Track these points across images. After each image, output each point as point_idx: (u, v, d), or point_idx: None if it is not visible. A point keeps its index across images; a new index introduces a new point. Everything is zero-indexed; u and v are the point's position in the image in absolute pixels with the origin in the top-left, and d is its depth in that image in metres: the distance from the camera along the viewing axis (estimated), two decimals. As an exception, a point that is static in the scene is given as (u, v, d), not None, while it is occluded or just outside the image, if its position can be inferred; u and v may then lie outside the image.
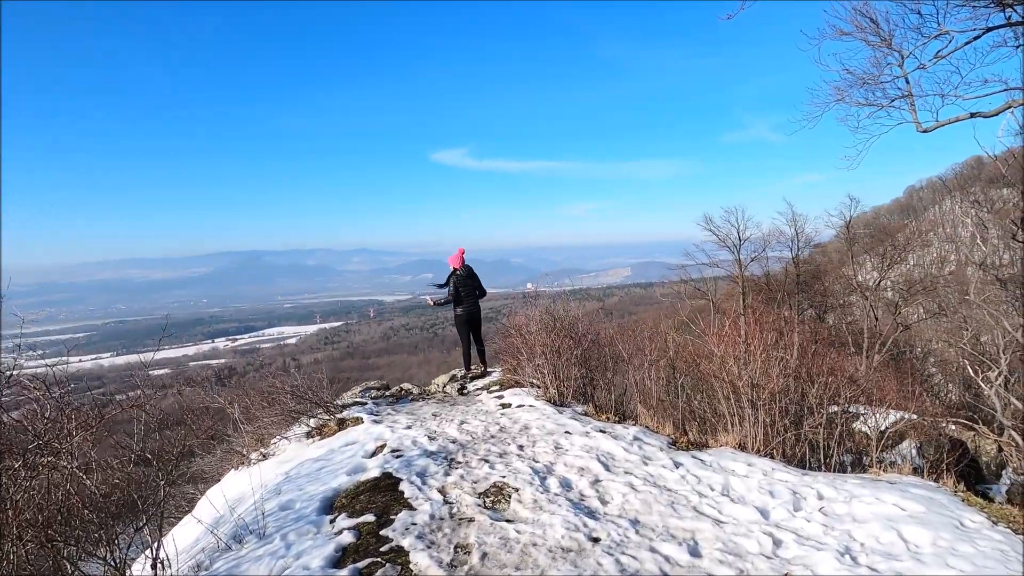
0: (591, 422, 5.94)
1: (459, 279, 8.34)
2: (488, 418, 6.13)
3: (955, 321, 30.22)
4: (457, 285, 8.31)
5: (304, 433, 6.44)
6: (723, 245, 27.65)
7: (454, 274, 8.37)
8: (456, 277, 8.35)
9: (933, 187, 73.14)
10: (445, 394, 7.82)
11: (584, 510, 3.96)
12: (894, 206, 70.82)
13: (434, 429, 5.78)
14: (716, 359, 6.08)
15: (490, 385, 7.80)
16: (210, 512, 4.77)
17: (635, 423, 6.35)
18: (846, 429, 6.63)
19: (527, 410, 6.26)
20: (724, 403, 5.99)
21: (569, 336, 6.83)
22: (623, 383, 7.04)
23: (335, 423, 6.41)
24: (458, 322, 8.47)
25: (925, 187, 73.52)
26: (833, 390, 6.47)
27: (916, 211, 68.11)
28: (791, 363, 6.17)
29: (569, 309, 7.30)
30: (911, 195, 72.26)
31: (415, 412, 6.75)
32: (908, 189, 72.46)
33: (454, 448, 5.13)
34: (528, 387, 7.16)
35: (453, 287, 8.30)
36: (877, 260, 29.09)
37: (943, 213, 67.52)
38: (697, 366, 6.59)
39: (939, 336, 28.08)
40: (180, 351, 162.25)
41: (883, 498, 4.30)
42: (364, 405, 7.11)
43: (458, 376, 8.66)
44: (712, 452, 5.62)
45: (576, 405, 6.71)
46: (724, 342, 6.05)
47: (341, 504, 4.11)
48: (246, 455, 6.46)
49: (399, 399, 7.71)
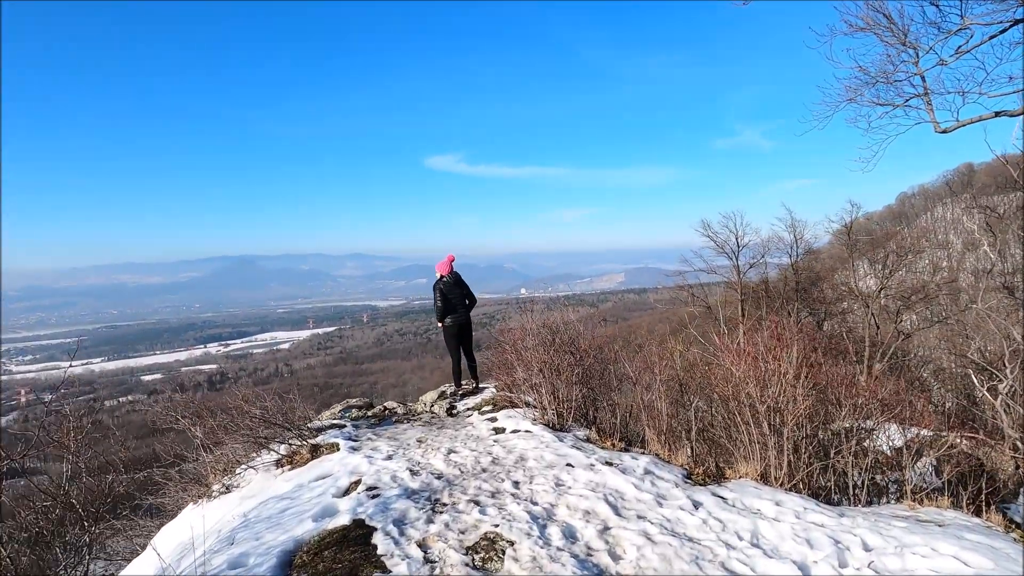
0: (595, 451, 5.29)
1: (446, 286, 7.69)
2: (479, 446, 5.47)
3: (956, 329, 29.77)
4: (444, 292, 7.66)
5: (274, 461, 5.75)
6: (721, 251, 27.14)
7: (440, 281, 7.73)
8: (443, 284, 7.71)
9: (925, 194, 73.27)
10: (432, 415, 7.14)
11: (593, 569, 3.31)
12: (887, 213, 70.80)
13: (418, 460, 5.11)
14: (733, 380, 5.44)
15: (482, 405, 7.13)
16: (153, 564, 4.09)
17: (643, 450, 5.70)
18: (863, 448, 6.00)
19: (523, 436, 5.60)
20: (743, 429, 5.35)
21: (569, 352, 6.19)
22: (628, 403, 6.39)
23: (308, 450, 5.73)
24: (447, 334, 7.80)
25: (917, 194, 73.68)
26: (858, 408, 5.85)
27: (908, 218, 68.14)
28: (815, 383, 5.54)
29: (569, 322, 6.64)
30: (903, 202, 72.38)
31: (398, 437, 6.08)
32: (900, 196, 72.53)
33: (439, 485, 4.46)
34: (524, 407, 6.51)
35: (440, 295, 7.65)
36: (871, 267, 28.62)
37: (935, 220, 67.53)
38: (710, 386, 5.94)
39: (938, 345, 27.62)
40: (172, 356, 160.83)
41: (939, 548, 3.67)
42: (342, 428, 6.43)
43: (448, 393, 8.00)
44: (732, 486, 4.98)
45: (577, 429, 6.06)
46: (743, 361, 5.41)
47: (302, 562, 3.43)
48: (209, 485, 5.77)
49: (382, 420, 7.03)
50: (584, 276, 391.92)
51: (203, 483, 5.86)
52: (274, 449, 5.79)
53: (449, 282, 7.77)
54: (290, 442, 5.85)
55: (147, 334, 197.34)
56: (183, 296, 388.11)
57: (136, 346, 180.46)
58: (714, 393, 5.88)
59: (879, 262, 28.11)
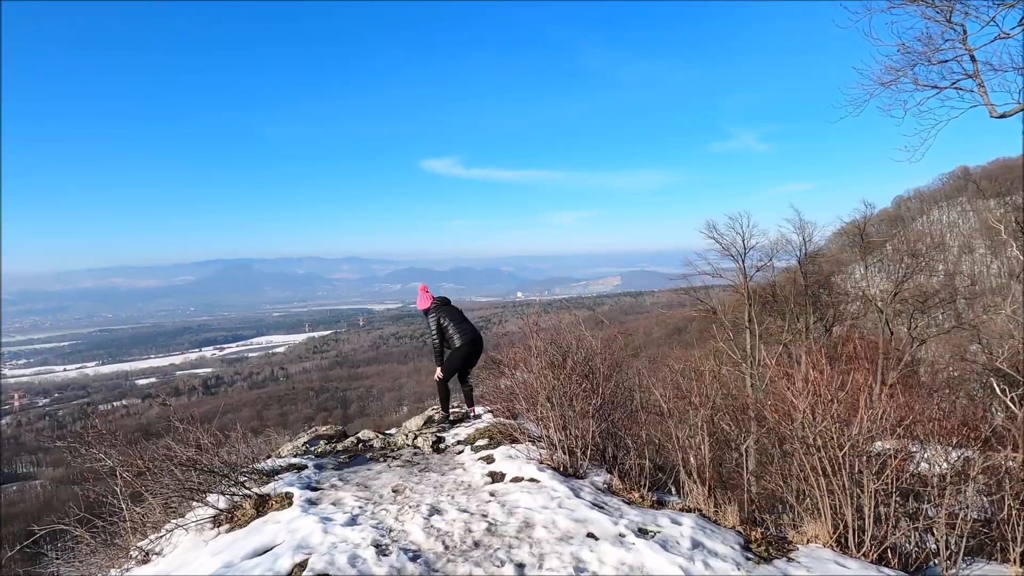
0: (621, 509, 4.05)
1: (439, 311, 6.64)
2: (472, 501, 4.22)
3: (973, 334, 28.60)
4: (440, 319, 6.59)
5: (210, 517, 4.49)
6: (727, 253, 25.98)
7: (431, 309, 6.69)
8: (434, 310, 6.66)
9: (921, 197, 72.66)
10: (416, 450, 5.86)
11: None
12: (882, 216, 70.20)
13: (389, 525, 3.85)
14: (797, 414, 4.21)
15: (475, 437, 5.87)
16: None
17: (681, 503, 4.47)
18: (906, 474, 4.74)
19: (527, 488, 4.35)
20: (812, 478, 4.13)
21: (584, 376, 4.96)
22: (656, 435, 5.15)
23: (253, 504, 4.48)
24: (455, 356, 6.61)
25: (912, 197, 73.15)
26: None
27: (905, 221, 67.52)
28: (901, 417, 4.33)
29: (583, 338, 5.38)
30: (899, 205, 71.83)
31: (370, 484, 4.82)
32: (896, 199, 71.95)
33: (415, 574, 3.22)
34: (526, 443, 5.26)
35: (436, 325, 6.58)
36: (876, 269, 27.50)
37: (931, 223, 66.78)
38: (759, 419, 4.71)
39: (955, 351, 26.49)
40: (167, 360, 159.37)
41: None
42: (302, 471, 5.16)
43: (436, 419, 6.75)
44: (804, 557, 3.77)
45: (595, 472, 4.82)
46: (810, 389, 4.18)
47: None
48: (127, 550, 4.53)
49: (354, 457, 5.76)
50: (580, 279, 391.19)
51: (121, 547, 4.60)
52: (210, 503, 4.54)
53: (440, 305, 6.76)
54: (230, 493, 4.60)
55: (142, 338, 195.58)
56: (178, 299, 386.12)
57: (131, 350, 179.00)
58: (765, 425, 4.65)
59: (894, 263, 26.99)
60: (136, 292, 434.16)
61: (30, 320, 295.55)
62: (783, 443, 4.47)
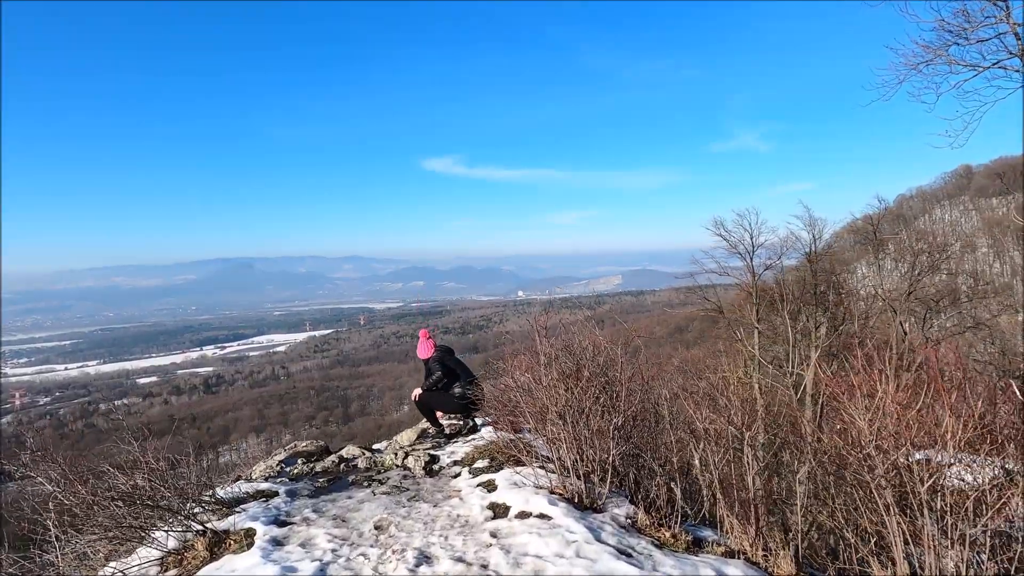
0: (653, 557, 3.29)
1: (444, 356, 6.20)
2: (468, 544, 3.46)
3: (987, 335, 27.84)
4: (445, 362, 6.08)
5: (157, 560, 3.74)
6: (734, 251, 25.22)
7: (435, 353, 6.26)
8: (439, 355, 6.20)
9: (923, 196, 72.03)
10: (406, 471, 5.09)
11: None
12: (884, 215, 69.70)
13: (366, 578, 3.10)
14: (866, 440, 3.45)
15: (474, 457, 5.10)
16: None
17: (721, 544, 3.71)
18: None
19: (537, 527, 3.58)
20: (887, 519, 3.37)
21: (603, 390, 4.19)
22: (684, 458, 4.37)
23: (206, 544, 3.72)
24: (446, 401, 6.04)
25: (915, 196, 72.60)
26: None
27: (907, 220, 67.00)
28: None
29: (599, 344, 4.59)
30: (901, 204, 71.35)
31: (348, 516, 4.06)
32: (898, 198, 71.45)
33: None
34: (532, 466, 4.49)
35: (440, 365, 6.06)
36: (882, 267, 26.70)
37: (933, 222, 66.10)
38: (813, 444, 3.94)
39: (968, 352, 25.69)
40: (168, 359, 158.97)
41: None
42: (271, 499, 4.40)
43: (430, 433, 5.99)
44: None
45: (615, 504, 4.06)
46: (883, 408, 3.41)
47: None
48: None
49: (335, 480, 4.99)
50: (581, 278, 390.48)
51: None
52: (157, 541, 3.77)
53: (443, 353, 6.28)
54: (184, 526, 3.84)
55: (143, 337, 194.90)
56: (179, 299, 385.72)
57: (132, 349, 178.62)
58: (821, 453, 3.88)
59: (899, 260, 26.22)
60: (137, 291, 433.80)
61: (31, 319, 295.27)
62: (842, 470, 3.72)
